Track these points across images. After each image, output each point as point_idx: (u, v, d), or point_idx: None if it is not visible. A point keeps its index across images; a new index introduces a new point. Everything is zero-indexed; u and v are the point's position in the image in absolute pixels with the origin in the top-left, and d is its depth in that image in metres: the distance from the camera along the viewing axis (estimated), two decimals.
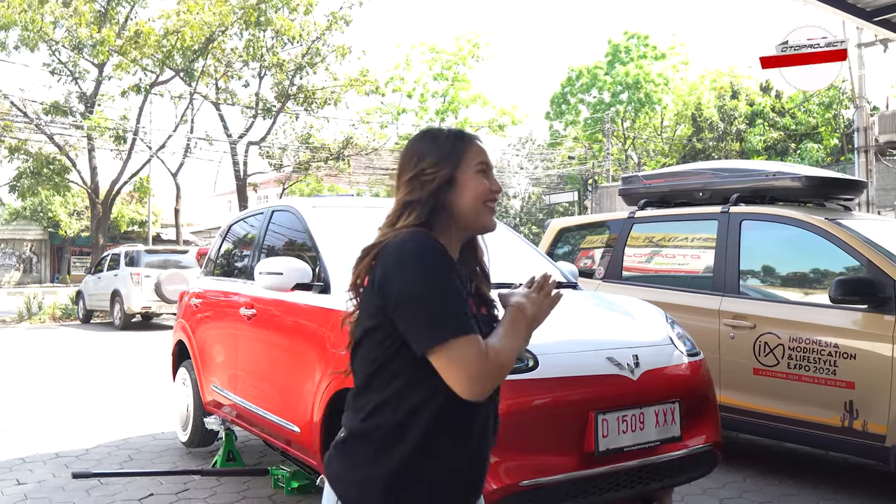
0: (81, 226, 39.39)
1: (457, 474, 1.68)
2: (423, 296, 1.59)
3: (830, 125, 29.58)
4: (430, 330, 1.57)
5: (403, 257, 1.62)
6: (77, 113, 26.08)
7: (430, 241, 1.65)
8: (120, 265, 17.88)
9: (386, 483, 1.61)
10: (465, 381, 1.56)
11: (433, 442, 1.62)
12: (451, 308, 1.59)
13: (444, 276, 1.61)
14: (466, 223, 1.75)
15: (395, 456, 1.61)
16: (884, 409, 4.38)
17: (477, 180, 1.74)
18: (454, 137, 1.80)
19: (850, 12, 7.55)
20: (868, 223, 5.33)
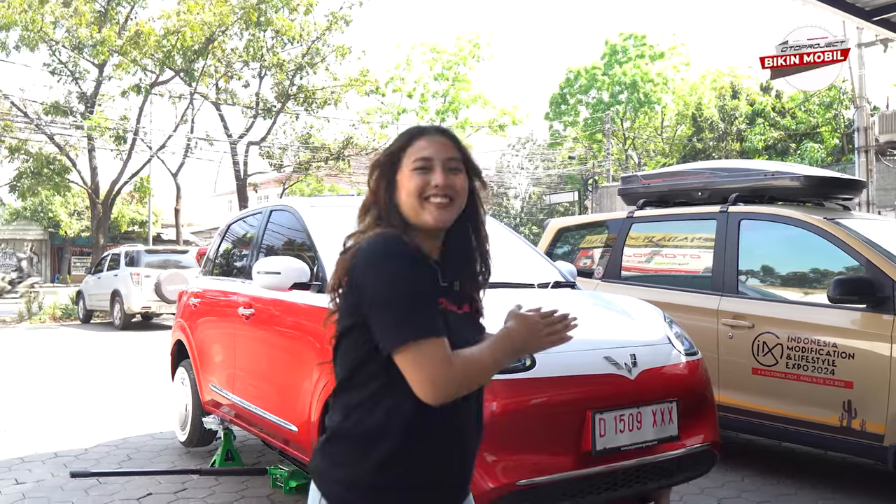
0: (82, 226, 39.37)
1: (436, 475, 1.68)
2: (390, 297, 1.60)
3: (831, 125, 29.57)
4: (395, 330, 1.58)
5: (373, 259, 1.63)
6: (77, 113, 26.10)
7: (398, 243, 1.65)
8: (120, 265, 17.89)
9: (365, 482, 1.63)
10: (427, 384, 1.56)
11: (411, 444, 1.63)
12: (417, 310, 1.59)
13: (411, 278, 1.61)
14: (413, 221, 1.72)
15: (373, 456, 1.62)
16: (882, 409, 4.38)
17: (411, 178, 1.71)
18: (400, 137, 1.80)
19: (848, 12, 7.54)
20: (867, 223, 5.33)
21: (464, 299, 1.79)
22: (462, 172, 1.77)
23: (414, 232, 1.72)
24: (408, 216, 1.72)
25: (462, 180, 1.76)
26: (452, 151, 1.76)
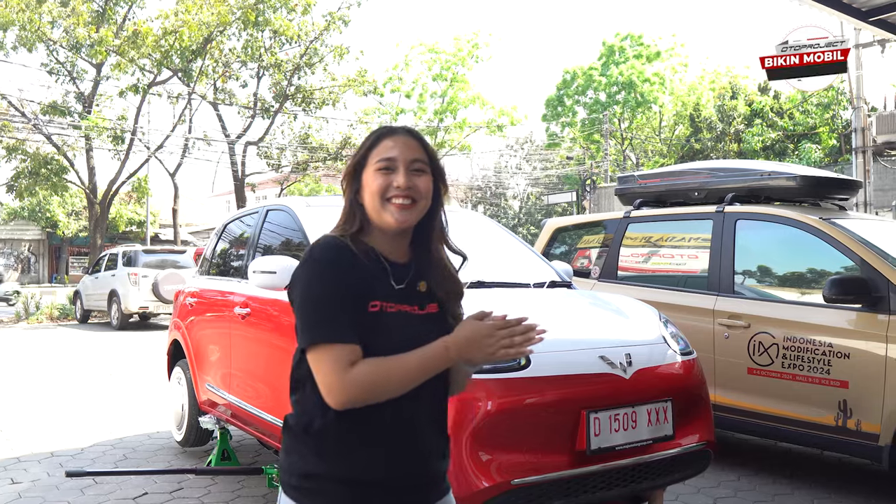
0: (79, 226, 39.40)
1: (376, 474, 1.68)
2: (303, 299, 1.66)
3: (829, 126, 29.59)
4: (301, 332, 1.65)
5: (303, 261, 1.70)
6: (75, 113, 26.06)
7: (330, 248, 1.70)
8: (117, 265, 17.87)
9: (302, 474, 1.68)
10: (323, 389, 1.61)
11: (343, 441, 1.66)
12: (325, 314, 1.63)
13: (324, 282, 1.65)
14: (375, 222, 1.75)
15: (309, 450, 1.68)
16: (877, 409, 4.38)
17: (374, 178, 1.73)
18: (369, 136, 1.82)
19: (845, 12, 7.55)
20: (862, 223, 5.34)
21: (429, 300, 1.79)
22: (427, 174, 1.77)
23: (377, 233, 1.76)
24: (371, 217, 1.75)
25: (426, 182, 1.77)
26: (418, 153, 1.77)
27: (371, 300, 1.68)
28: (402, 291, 1.75)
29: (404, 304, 1.73)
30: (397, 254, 1.79)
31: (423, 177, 1.76)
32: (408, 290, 1.76)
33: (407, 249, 1.81)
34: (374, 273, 1.72)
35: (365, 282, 1.69)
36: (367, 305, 1.67)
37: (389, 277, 1.74)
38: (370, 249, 1.74)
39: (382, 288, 1.72)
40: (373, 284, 1.70)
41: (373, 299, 1.68)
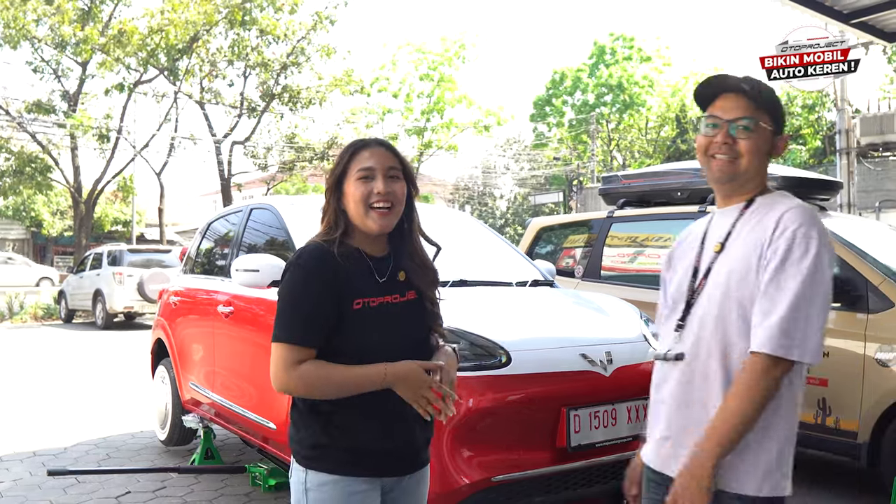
0: (64, 225, 39.12)
1: (371, 443, 1.93)
2: (281, 299, 1.92)
3: (813, 127, 29.79)
4: (274, 327, 1.90)
5: (290, 263, 1.95)
6: (60, 111, 25.91)
7: (315, 255, 1.92)
8: (102, 264, 17.76)
9: (308, 445, 1.95)
10: (272, 376, 1.90)
11: (344, 417, 1.92)
12: (292, 316, 1.89)
13: (305, 287, 1.89)
14: (358, 226, 1.97)
15: (317, 425, 1.94)
16: (855, 406, 4.43)
17: (356, 186, 1.95)
18: (346, 148, 2.03)
19: (827, 14, 7.62)
20: (842, 223, 5.39)
21: (407, 287, 2.03)
22: (401, 180, 2.00)
23: (359, 234, 1.99)
24: (354, 222, 1.97)
25: (402, 187, 2.00)
26: (392, 161, 1.99)
27: (355, 298, 1.91)
28: (385, 284, 1.98)
29: (386, 296, 1.96)
30: (377, 249, 2.02)
31: (399, 182, 1.99)
32: (389, 282, 1.99)
33: (385, 244, 2.04)
34: (357, 271, 1.94)
35: (348, 282, 1.91)
36: (352, 304, 1.90)
37: (373, 272, 1.97)
38: (354, 249, 1.97)
39: (366, 284, 1.95)
40: (356, 283, 1.92)
41: (356, 297, 1.91)
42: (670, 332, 1.96)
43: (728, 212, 1.95)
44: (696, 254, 1.97)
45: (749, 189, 1.93)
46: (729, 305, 1.81)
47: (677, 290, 1.98)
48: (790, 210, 1.81)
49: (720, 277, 1.86)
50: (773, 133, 1.92)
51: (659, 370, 2.00)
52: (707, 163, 1.93)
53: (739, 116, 1.87)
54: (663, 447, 1.91)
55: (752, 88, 1.89)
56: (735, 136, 1.87)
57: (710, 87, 1.96)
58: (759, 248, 1.80)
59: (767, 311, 1.73)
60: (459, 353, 3.38)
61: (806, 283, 1.72)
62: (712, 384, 1.82)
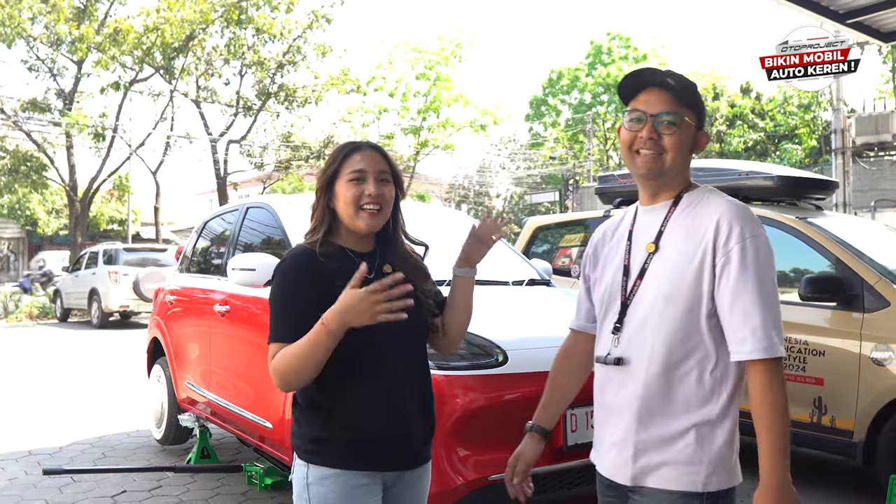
0: (60, 224, 38.99)
1: (370, 436, 1.97)
2: (272, 302, 1.99)
3: (809, 127, 29.84)
4: (269, 329, 1.97)
5: (276, 268, 2.04)
6: (55, 110, 25.85)
7: (297, 259, 2.00)
8: (98, 263, 17.74)
9: (309, 440, 1.99)
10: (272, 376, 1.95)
11: (342, 409, 1.97)
12: (282, 317, 1.95)
13: (290, 291, 1.97)
14: (347, 225, 2.05)
15: (313, 420, 2.00)
16: (851, 406, 4.44)
17: (348, 188, 2.01)
18: (338, 150, 2.09)
19: (823, 14, 7.63)
20: (838, 222, 5.41)
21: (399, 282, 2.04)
22: (390, 183, 2.07)
23: (346, 233, 2.06)
24: (344, 221, 2.04)
25: (391, 191, 2.07)
26: (383, 164, 2.06)
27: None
28: (373, 278, 1.97)
29: None
30: (364, 246, 2.09)
31: (388, 186, 2.06)
32: (377, 277, 1.98)
33: (372, 242, 2.11)
34: (344, 268, 1.96)
35: (336, 279, 1.93)
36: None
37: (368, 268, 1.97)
38: (339, 248, 2.04)
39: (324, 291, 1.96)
40: (345, 278, 1.91)
41: None
42: (607, 334, 1.94)
43: (655, 209, 1.93)
44: (625, 252, 1.94)
45: (675, 185, 1.91)
46: (672, 308, 1.80)
47: (608, 290, 1.95)
48: (727, 209, 1.81)
49: (659, 279, 1.83)
50: (696, 129, 1.91)
51: (599, 374, 1.98)
52: (631, 158, 1.91)
53: (664, 111, 1.85)
54: (612, 454, 1.89)
55: (677, 83, 1.87)
56: (660, 132, 1.85)
57: (633, 81, 1.92)
58: (702, 250, 1.79)
59: (743, 317, 1.74)
60: (456, 353, 3.39)
61: (767, 281, 1.76)
62: (656, 387, 1.81)
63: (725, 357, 1.80)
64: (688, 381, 1.80)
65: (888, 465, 4.27)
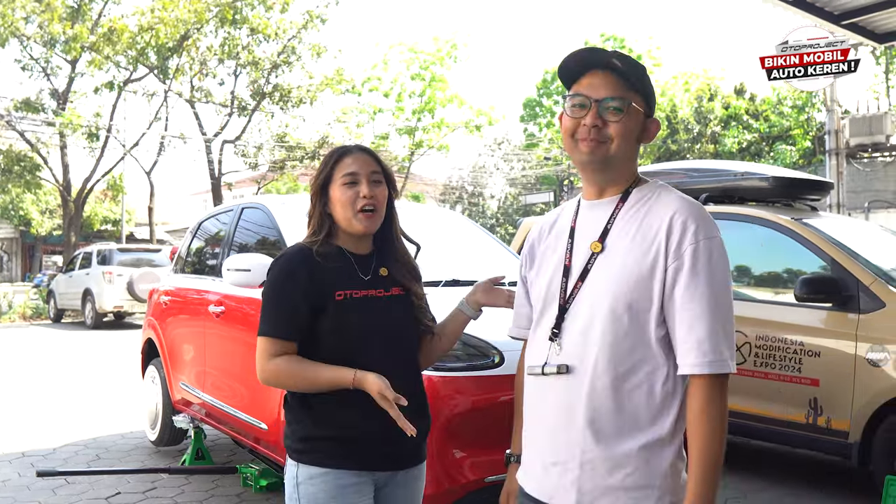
0: (53, 224, 38.89)
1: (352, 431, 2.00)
2: (263, 298, 2.06)
3: (803, 128, 29.90)
4: (260, 323, 2.03)
5: (271, 266, 2.09)
6: (49, 109, 25.77)
7: (293, 257, 2.06)
8: (92, 264, 17.68)
9: (299, 439, 2.04)
10: (256, 369, 2.03)
11: (332, 408, 2.01)
12: (273, 312, 2.02)
13: (284, 286, 2.02)
14: (344, 228, 2.09)
15: (303, 419, 2.04)
16: (847, 406, 4.45)
17: (342, 191, 2.06)
18: (329, 154, 2.14)
19: (818, 16, 7.65)
20: (833, 223, 5.42)
21: (392, 284, 2.14)
22: (383, 184, 2.11)
23: (344, 235, 2.11)
24: (341, 224, 2.09)
25: (383, 191, 2.11)
26: (374, 166, 2.10)
27: (336, 291, 2.02)
28: (369, 280, 2.10)
29: (370, 290, 2.08)
30: (362, 248, 2.14)
31: (381, 187, 2.10)
32: (373, 278, 2.11)
33: (370, 244, 2.16)
34: (340, 268, 2.06)
35: (329, 279, 2.02)
36: (334, 295, 2.02)
37: (357, 270, 2.09)
38: (338, 249, 2.09)
39: (350, 279, 2.07)
40: (339, 278, 2.04)
41: (338, 290, 2.03)
42: (542, 341, 1.74)
43: (601, 205, 1.75)
44: (566, 251, 1.75)
45: (622, 179, 1.74)
46: (618, 314, 1.62)
47: (545, 292, 1.76)
48: (680, 208, 1.65)
49: (604, 281, 1.66)
50: (645, 115, 1.74)
51: (533, 386, 1.77)
52: (574, 146, 1.72)
53: (610, 96, 1.68)
54: (552, 475, 1.69)
55: (624, 65, 1.69)
56: (605, 118, 1.68)
57: (576, 63, 1.73)
58: (654, 251, 1.62)
59: (689, 325, 1.59)
60: (452, 353, 3.38)
61: (719, 288, 1.60)
62: (603, 401, 1.62)
63: (676, 369, 1.63)
64: (638, 394, 1.62)
65: (884, 466, 4.28)
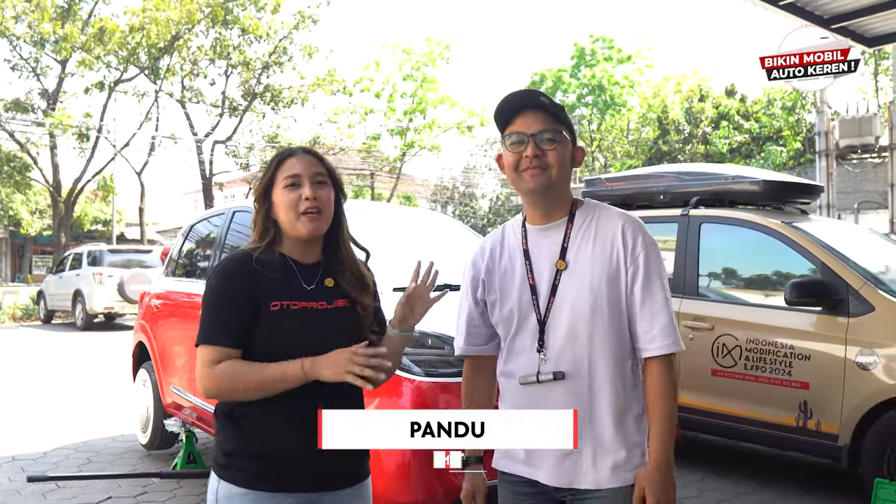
0: (43, 224, 38.68)
1: (277, 449, 1.90)
2: (204, 303, 1.96)
3: (793, 129, 30.02)
4: (199, 332, 1.93)
5: (211, 273, 2.00)
6: (39, 110, 25.65)
7: (232, 263, 1.97)
8: (82, 264, 17.61)
9: (221, 453, 1.96)
10: (196, 380, 1.93)
11: (254, 421, 1.90)
12: (214, 318, 1.92)
13: (226, 291, 1.93)
14: (289, 232, 2.00)
15: (225, 431, 1.96)
16: (836, 409, 4.47)
17: (284, 194, 1.98)
18: (273, 157, 2.08)
19: (808, 19, 7.69)
20: (823, 226, 5.45)
21: (337, 295, 2.03)
22: (329, 186, 2.03)
23: (289, 241, 2.02)
24: (285, 229, 2.00)
25: (328, 193, 2.02)
26: (318, 167, 2.03)
27: (272, 301, 1.92)
28: (312, 290, 1.99)
29: (311, 302, 1.97)
30: (308, 256, 2.04)
31: (326, 188, 2.02)
32: (317, 289, 2.00)
33: (318, 252, 2.06)
34: (280, 277, 1.96)
35: (265, 286, 1.93)
36: (269, 306, 1.91)
37: (300, 280, 1.99)
38: (280, 256, 1.99)
39: (289, 290, 1.96)
40: (277, 287, 1.94)
41: (274, 300, 1.92)
42: (528, 353, 1.96)
43: (550, 228, 1.99)
44: (526, 271, 1.98)
45: (563, 202, 2.00)
46: (599, 318, 1.89)
47: (516, 310, 1.98)
48: (626, 220, 1.95)
49: (577, 293, 1.91)
50: (572, 144, 2.00)
51: (525, 393, 1.96)
52: (519, 178, 1.96)
53: (543, 129, 1.93)
54: (565, 464, 1.91)
55: (549, 103, 1.95)
56: (543, 148, 1.93)
57: (508, 107, 1.98)
58: (615, 258, 1.92)
59: (652, 316, 1.90)
60: (444, 359, 3.39)
61: (666, 285, 1.94)
62: (602, 396, 1.90)
63: (638, 354, 1.94)
64: (626, 381, 1.93)
65: (873, 469, 4.30)
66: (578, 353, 1.90)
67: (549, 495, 1.96)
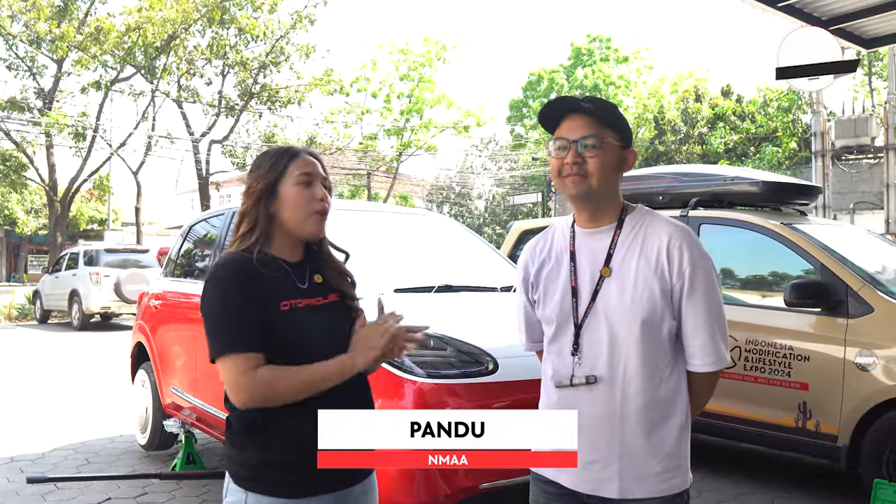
0: (39, 224, 38.62)
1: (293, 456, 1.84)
2: (210, 314, 1.86)
3: (789, 129, 30.05)
4: (210, 344, 1.85)
5: (208, 278, 1.89)
6: (35, 109, 25.58)
7: (232, 265, 1.88)
8: (79, 264, 17.57)
9: (249, 465, 1.87)
10: (230, 391, 1.83)
11: (277, 431, 1.85)
12: (225, 328, 1.83)
13: (232, 297, 1.84)
14: (291, 230, 1.96)
15: (249, 442, 1.88)
16: (836, 410, 4.49)
17: (297, 190, 1.95)
18: (280, 152, 2.02)
19: (807, 21, 7.70)
20: (822, 228, 5.46)
21: (328, 290, 2.02)
22: (329, 191, 2.04)
23: (278, 241, 1.97)
24: (289, 227, 1.96)
25: (328, 196, 2.03)
26: (323, 171, 2.03)
27: (282, 300, 1.89)
28: (307, 288, 1.98)
29: (310, 299, 1.96)
30: (295, 256, 2.01)
31: (328, 192, 2.03)
32: (310, 286, 1.99)
33: (301, 252, 2.04)
34: (278, 277, 1.93)
35: (272, 287, 1.89)
36: (279, 305, 1.88)
37: (293, 278, 1.96)
38: (271, 257, 1.94)
39: (289, 289, 1.93)
40: (280, 288, 1.91)
41: (283, 299, 1.89)
42: (565, 357, 1.96)
43: (598, 233, 1.98)
44: (570, 273, 1.98)
45: (612, 208, 1.99)
46: (638, 326, 1.87)
47: (558, 312, 1.97)
48: (675, 232, 1.92)
49: (619, 300, 1.89)
50: (621, 147, 1.96)
51: (559, 396, 1.98)
52: (562, 184, 1.96)
53: (585, 135, 1.91)
54: (591, 470, 1.91)
55: (595, 106, 1.93)
56: (584, 155, 1.91)
57: (553, 111, 1.99)
58: (659, 272, 1.88)
59: (693, 334, 1.89)
60: (446, 360, 3.39)
61: (717, 299, 1.92)
62: (633, 402, 1.88)
63: (682, 365, 1.94)
64: (662, 389, 1.90)
65: (872, 469, 4.32)
66: (613, 360, 1.89)
67: (578, 497, 1.95)
